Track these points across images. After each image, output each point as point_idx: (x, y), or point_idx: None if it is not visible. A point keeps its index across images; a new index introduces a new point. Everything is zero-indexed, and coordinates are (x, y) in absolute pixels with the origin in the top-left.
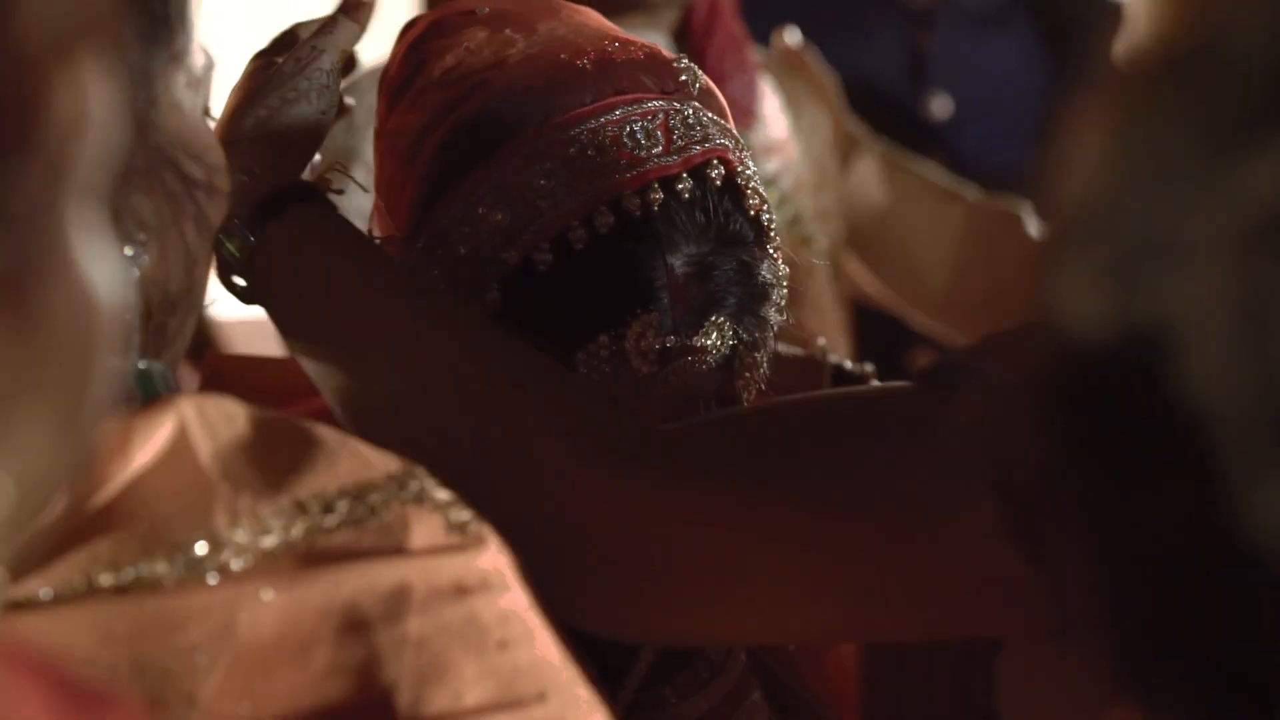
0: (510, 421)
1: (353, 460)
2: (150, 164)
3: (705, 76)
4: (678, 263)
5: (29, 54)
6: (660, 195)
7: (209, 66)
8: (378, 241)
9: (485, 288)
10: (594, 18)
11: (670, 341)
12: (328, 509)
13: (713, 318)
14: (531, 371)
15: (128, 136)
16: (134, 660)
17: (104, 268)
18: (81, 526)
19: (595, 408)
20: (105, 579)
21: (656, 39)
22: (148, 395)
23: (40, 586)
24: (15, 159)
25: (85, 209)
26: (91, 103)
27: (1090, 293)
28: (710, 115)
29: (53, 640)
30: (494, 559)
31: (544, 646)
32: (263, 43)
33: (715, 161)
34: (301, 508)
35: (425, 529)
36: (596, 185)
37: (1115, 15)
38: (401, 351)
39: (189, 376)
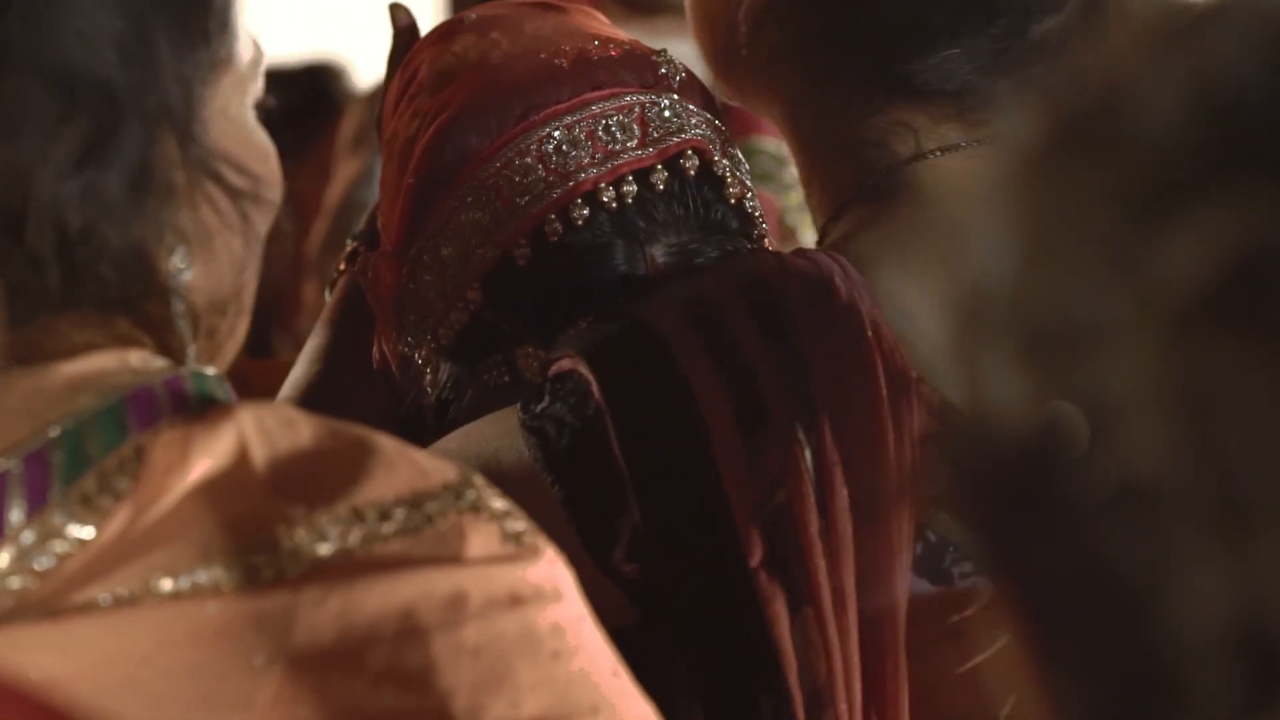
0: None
1: (410, 469)
2: (191, 178)
3: (686, 68)
4: (658, 252)
5: None
6: (634, 188)
7: (257, 60)
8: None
9: (468, 287)
10: (587, 18)
11: None
12: (385, 517)
13: None
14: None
15: (168, 154)
16: (190, 664)
17: None
18: (140, 538)
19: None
20: (164, 585)
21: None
22: (204, 400)
23: (100, 593)
24: None
25: None
26: None
27: (1008, 378)
28: (691, 107)
29: (110, 644)
30: (548, 570)
31: (596, 658)
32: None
33: (690, 151)
34: (359, 515)
35: (481, 538)
36: (571, 179)
37: None
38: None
39: None
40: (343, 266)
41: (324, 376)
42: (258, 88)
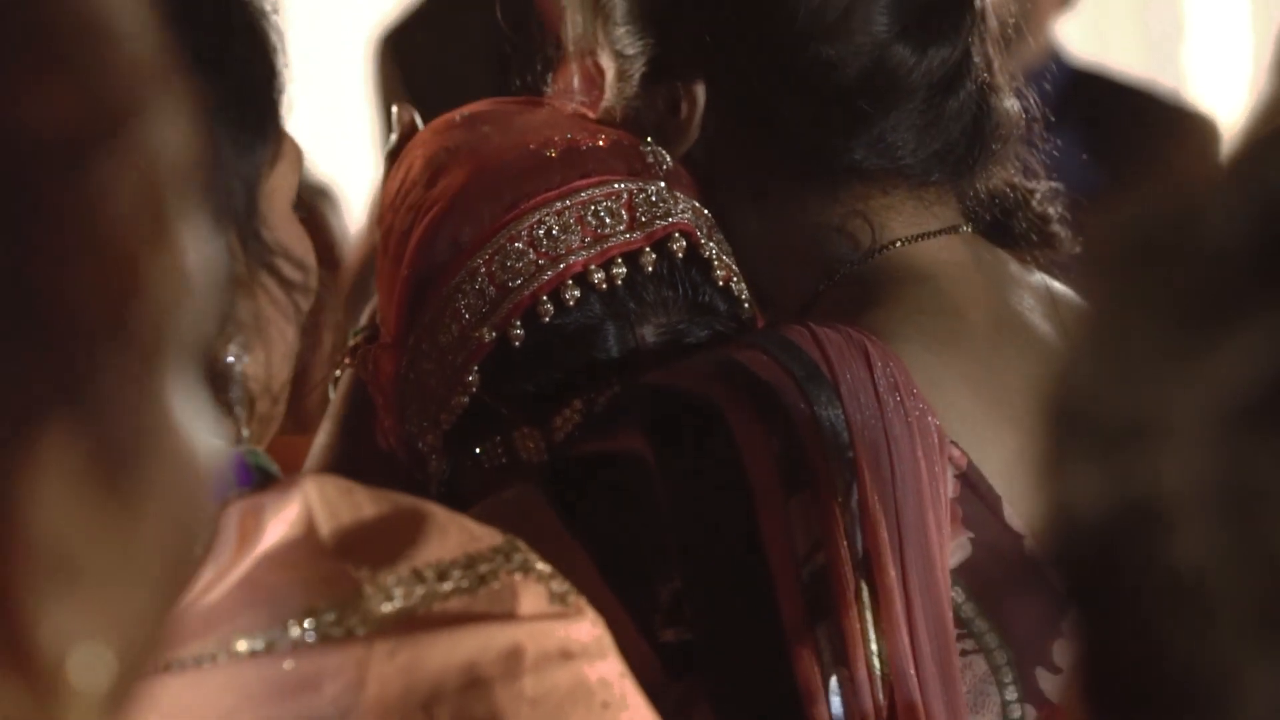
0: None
1: (461, 533)
2: (250, 272)
3: (670, 158)
4: (648, 333)
5: (118, 245)
6: (624, 270)
7: (299, 157)
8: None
9: (466, 371)
10: (575, 112)
11: None
12: (443, 577)
13: None
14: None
15: (230, 249)
16: (269, 719)
17: (201, 433)
18: (219, 602)
19: None
20: (241, 645)
21: None
22: (263, 473)
23: (181, 654)
24: (108, 343)
25: (181, 376)
26: (185, 275)
27: (1086, 471)
28: (677, 193)
29: (192, 701)
30: (591, 629)
31: (641, 711)
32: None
33: (677, 235)
34: (419, 576)
35: (531, 597)
36: (561, 262)
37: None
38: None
39: None
40: (347, 361)
41: (338, 468)
42: (296, 183)
